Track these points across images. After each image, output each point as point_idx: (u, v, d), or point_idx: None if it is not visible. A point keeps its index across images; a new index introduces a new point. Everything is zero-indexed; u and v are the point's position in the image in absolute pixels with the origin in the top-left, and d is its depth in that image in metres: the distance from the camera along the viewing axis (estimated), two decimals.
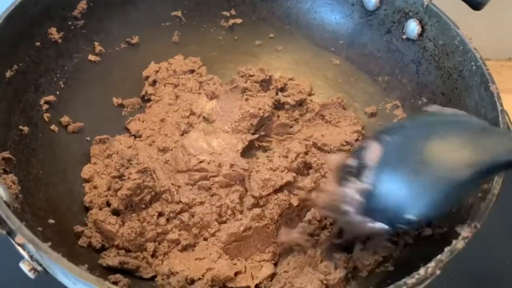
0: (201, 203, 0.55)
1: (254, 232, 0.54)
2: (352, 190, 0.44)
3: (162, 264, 0.53)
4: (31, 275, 0.41)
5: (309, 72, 0.72)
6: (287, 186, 0.57)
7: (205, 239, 0.55)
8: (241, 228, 0.54)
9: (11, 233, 0.39)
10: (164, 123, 0.63)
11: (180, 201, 0.55)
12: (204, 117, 0.64)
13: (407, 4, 0.62)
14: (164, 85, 0.67)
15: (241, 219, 0.54)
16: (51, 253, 0.37)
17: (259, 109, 0.62)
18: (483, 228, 0.44)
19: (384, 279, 0.51)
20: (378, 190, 0.42)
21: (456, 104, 0.57)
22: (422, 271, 0.40)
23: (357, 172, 0.44)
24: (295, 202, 0.56)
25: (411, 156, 0.41)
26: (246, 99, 0.63)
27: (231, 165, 0.56)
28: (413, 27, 0.63)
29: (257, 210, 0.54)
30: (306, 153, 0.61)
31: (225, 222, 0.55)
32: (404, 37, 0.64)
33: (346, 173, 0.45)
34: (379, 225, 0.43)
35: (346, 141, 0.63)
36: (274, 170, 0.57)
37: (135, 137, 0.63)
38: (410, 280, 0.39)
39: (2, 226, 0.39)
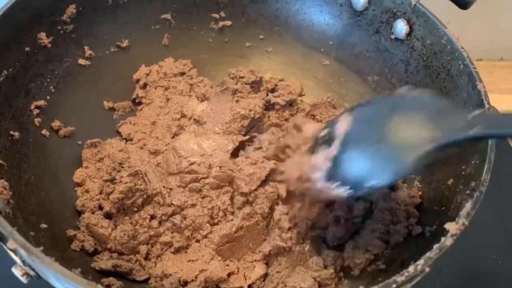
0: (193, 205, 0.55)
1: (245, 231, 0.54)
2: (322, 157, 0.48)
3: (155, 266, 0.53)
4: (24, 280, 0.41)
5: (299, 72, 0.72)
6: (272, 174, 0.58)
7: (198, 241, 0.55)
8: (233, 229, 0.54)
9: (2, 239, 0.39)
10: (155, 126, 0.64)
11: (172, 204, 0.55)
12: (195, 119, 0.64)
13: (395, 4, 0.63)
14: (155, 88, 0.67)
15: (232, 220, 0.55)
16: (43, 257, 0.38)
17: (250, 110, 0.62)
18: (475, 228, 0.45)
19: (375, 277, 0.51)
20: (344, 157, 0.46)
21: None
22: (411, 268, 0.40)
23: (329, 141, 0.48)
24: (283, 192, 0.56)
25: (376, 130, 0.45)
26: (237, 101, 0.64)
27: (220, 167, 0.56)
28: (401, 27, 0.63)
29: (247, 209, 0.55)
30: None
31: (217, 223, 0.55)
32: (392, 37, 0.64)
33: (319, 143, 0.49)
34: (343, 189, 0.46)
35: None
36: (255, 164, 0.58)
37: (127, 141, 0.63)
38: (399, 278, 0.40)
39: None
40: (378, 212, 0.57)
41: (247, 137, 0.62)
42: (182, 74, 0.68)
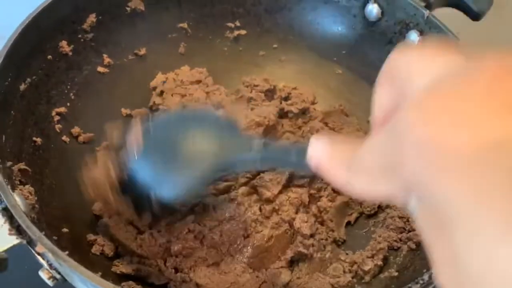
0: (231, 218, 0.55)
1: (275, 241, 0.55)
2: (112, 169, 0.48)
3: (189, 276, 0.53)
4: (50, 282, 0.43)
5: (312, 81, 0.73)
6: (293, 179, 0.59)
7: (231, 255, 0.55)
8: (264, 240, 0.54)
9: (31, 243, 0.41)
10: None
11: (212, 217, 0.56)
12: None
13: (408, 15, 0.64)
14: (172, 95, 0.68)
15: (262, 231, 0.55)
16: (69, 261, 0.39)
17: (264, 117, 0.64)
18: None
19: (388, 285, 0.52)
20: (133, 169, 0.46)
21: None
22: (426, 276, 0.42)
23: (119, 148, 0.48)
24: (305, 198, 0.57)
25: (165, 147, 0.46)
26: (252, 109, 0.65)
27: (246, 172, 0.57)
28: (414, 38, 0.64)
29: (275, 217, 0.56)
30: None
31: (248, 236, 0.55)
32: None
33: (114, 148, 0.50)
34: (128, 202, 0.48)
35: None
36: (274, 169, 0.58)
37: None
38: (414, 286, 0.41)
39: (22, 236, 0.41)
40: (390, 220, 0.58)
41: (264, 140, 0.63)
42: (198, 82, 0.70)
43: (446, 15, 0.62)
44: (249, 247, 0.54)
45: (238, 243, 0.55)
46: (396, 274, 0.53)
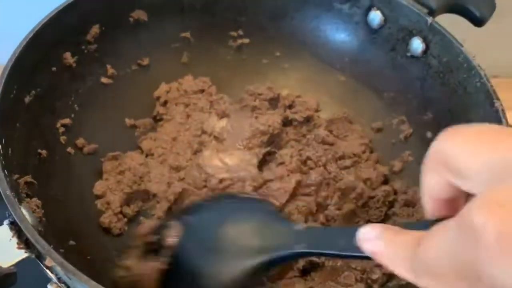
0: None
1: None
2: (150, 268, 0.47)
3: None
4: None
5: (316, 89, 0.73)
6: (299, 187, 0.58)
7: None
8: None
9: (39, 257, 0.40)
10: (175, 142, 0.65)
11: None
12: (215, 136, 0.65)
13: (411, 22, 0.64)
14: (175, 105, 0.68)
15: None
16: (79, 275, 0.39)
17: (269, 126, 0.64)
18: None
19: None
20: (175, 268, 0.46)
21: (462, 120, 0.59)
22: None
23: (156, 250, 0.47)
24: (313, 207, 0.57)
25: (207, 240, 0.46)
26: (256, 117, 0.65)
27: (253, 180, 0.57)
28: (417, 45, 0.64)
29: None
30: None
31: None
32: (408, 54, 0.66)
33: (148, 248, 0.49)
34: None
35: (353, 153, 0.65)
36: (281, 178, 0.58)
37: (147, 155, 0.65)
38: None
39: (31, 250, 0.40)
40: None
41: (268, 148, 0.63)
42: (202, 91, 0.70)
43: (450, 21, 0.62)
44: None
45: None
46: (404, 282, 0.53)
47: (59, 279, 0.41)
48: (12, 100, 0.51)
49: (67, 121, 0.60)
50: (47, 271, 0.41)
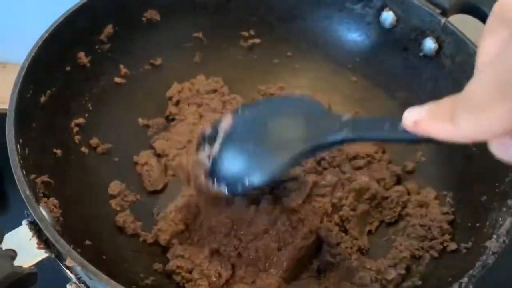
0: (265, 231, 0.55)
1: (305, 251, 0.55)
2: (204, 156, 0.49)
3: None
4: None
5: (327, 89, 0.73)
6: (315, 188, 0.59)
7: (266, 270, 0.54)
8: (297, 251, 0.54)
9: (59, 256, 0.41)
10: (189, 143, 0.65)
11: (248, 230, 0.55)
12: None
13: (424, 22, 0.64)
14: (188, 105, 0.68)
15: (293, 242, 0.55)
16: (100, 275, 0.39)
17: None
18: None
19: None
20: (223, 156, 0.48)
21: None
22: (456, 286, 0.41)
23: (211, 140, 0.50)
24: (328, 208, 0.57)
25: (255, 131, 0.48)
26: None
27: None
28: (430, 45, 0.64)
29: (303, 228, 0.55)
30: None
31: (281, 249, 0.55)
32: (421, 54, 0.65)
33: (203, 141, 0.51)
34: (222, 187, 0.48)
35: (366, 154, 0.64)
36: (297, 179, 0.59)
37: (160, 156, 0.65)
38: None
39: (51, 250, 0.41)
40: (411, 229, 0.58)
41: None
42: (214, 91, 0.70)
43: (466, 21, 0.61)
44: (283, 260, 0.54)
45: (272, 257, 0.54)
46: (419, 283, 0.53)
47: (78, 279, 0.41)
48: (29, 100, 0.52)
49: (81, 120, 0.60)
50: (67, 271, 0.41)
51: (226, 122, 0.50)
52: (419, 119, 0.30)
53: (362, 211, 0.58)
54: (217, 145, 0.49)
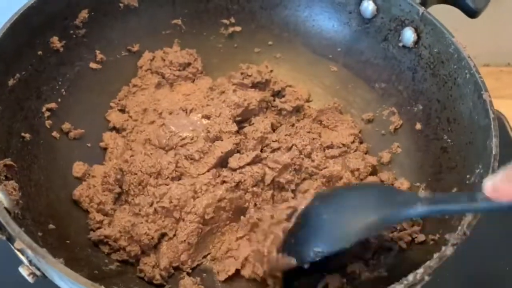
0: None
1: (228, 203, 0.57)
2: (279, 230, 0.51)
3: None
4: (30, 279, 0.42)
5: (307, 79, 0.73)
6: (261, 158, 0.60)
7: (183, 220, 0.56)
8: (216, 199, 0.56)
9: (10, 239, 0.40)
10: (145, 112, 0.66)
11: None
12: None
13: (403, 12, 0.63)
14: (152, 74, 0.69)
15: (214, 191, 0.56)
16: (48, 257, 0.39)
17: (245, 100, 0.63)
18: (481, 234, 0.46)
19: (377, 285, 0.52)
20: (298, 227, 0.51)
21: (451, 110, 0.58)
22: (410, 277, 0.41)
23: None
24: (269, 177, 0.58)
25: (331, 207, 0.50)
26: (234, 90, 0.64)
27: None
28: (409, 35, 0.63)
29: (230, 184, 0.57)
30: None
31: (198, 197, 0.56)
32: (400, 44, 0.65)
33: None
34: (291, 259, 0.50)
35: (342, 143, 0.64)
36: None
37: (118, 131, 0.64)
38: (398, 286, 0.40)
39: (2, 232, 0.40)
40: None
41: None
42: (188, 64, 0.69)
43: (442, 10, 0.61)
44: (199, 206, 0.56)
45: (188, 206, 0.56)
46: (386, 274, 0.53)
47: (30, 261, 0.41)
48: None
49: (53, 105, 0.60)
50: (19, 253, 0.41)
51: (304, 203, 0.52)
52: (498, 185, 0.32)
53: None
54: (293, 219, 0.52)
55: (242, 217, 0.57)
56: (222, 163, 0.59)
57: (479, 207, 0.38)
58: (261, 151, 0.61)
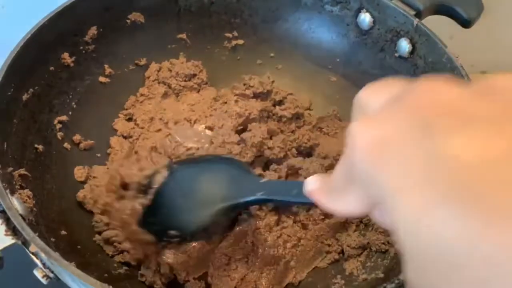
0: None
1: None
2: (136, 204, 0.54)
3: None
4: (44, 281, 0.45)
5: (308, 89, 0.75)
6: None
7: None
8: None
9: (25, 243, 0.43)
10: (152, 122, 0.68)
11: None
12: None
13: (398, 23, 0.65)
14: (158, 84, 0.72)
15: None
16: (60, 260, 0.41)
17: (246, 110, 0.66)
18: None
19: (374, 286, 0.54)
20: (154, 207, 0.54)
21: None
22: (402, 276, 0.43)
23: (146, 191, 0.55)
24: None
25: (185, 187, 0.54)
26: (236, 101, 0.67)
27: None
28: (404, 46, 0.66)
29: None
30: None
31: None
32: (396, 55, 0.67)
33: (140, 189, 0.56)
34: (150, 236, 0.53)
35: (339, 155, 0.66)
36: None
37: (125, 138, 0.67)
38: (389, 286, 0.42)
39: (17, 237, 0.43)
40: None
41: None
42: (194, 75, 0.72)
43: (437, 18, 0.63)
44: None
45: None
46: (382, 275, 0.55)
47: (44, 264, 0.44)
48: (9, 98, 0.54)
49: (64, 118, 0.63)
50: (33, 257, 0.44)
51: (159, 177, 0.55)
52: (313, 190, 0.34)
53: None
54: (149, 197, 0.54)
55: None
56: None
57: (302, 201, 0.41)
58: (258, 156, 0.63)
